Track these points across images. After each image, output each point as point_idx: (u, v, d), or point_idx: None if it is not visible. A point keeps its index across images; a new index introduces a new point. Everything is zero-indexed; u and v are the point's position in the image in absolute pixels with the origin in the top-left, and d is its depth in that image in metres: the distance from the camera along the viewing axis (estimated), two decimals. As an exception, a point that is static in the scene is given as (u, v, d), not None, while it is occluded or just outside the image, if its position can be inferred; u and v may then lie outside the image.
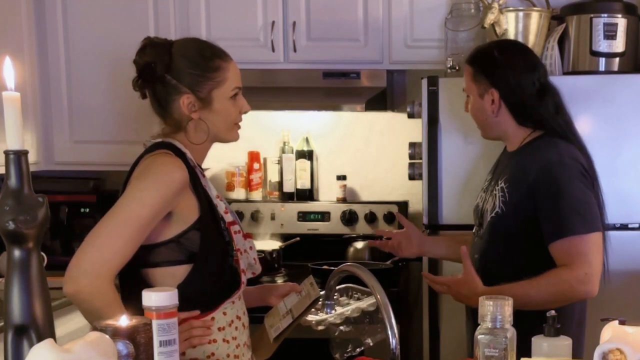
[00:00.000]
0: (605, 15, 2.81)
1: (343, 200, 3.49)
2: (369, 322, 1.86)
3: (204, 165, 2.82)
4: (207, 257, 1.85)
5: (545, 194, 2.02)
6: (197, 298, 1.81)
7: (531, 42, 2.86)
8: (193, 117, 1.88)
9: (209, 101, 1.90)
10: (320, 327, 2.02)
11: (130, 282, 1.82)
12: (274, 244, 3.24)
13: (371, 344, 1.83)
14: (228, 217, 1.94)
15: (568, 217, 1.99)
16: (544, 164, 2.05)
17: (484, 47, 2.27)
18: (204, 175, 1.93)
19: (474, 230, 2.28)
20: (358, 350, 1.84)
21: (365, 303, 1.92)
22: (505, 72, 2.13)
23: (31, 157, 1.65)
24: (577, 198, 2.01)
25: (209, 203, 1.88)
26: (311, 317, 2.01)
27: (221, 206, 1.94)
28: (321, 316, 2.05)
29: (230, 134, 1.96)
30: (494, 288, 1.96)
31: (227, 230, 1.92)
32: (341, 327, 1.87)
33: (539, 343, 1.45)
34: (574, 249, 1.97)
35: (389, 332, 1.44)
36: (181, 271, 1.82)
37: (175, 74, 1.91)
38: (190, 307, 1.76)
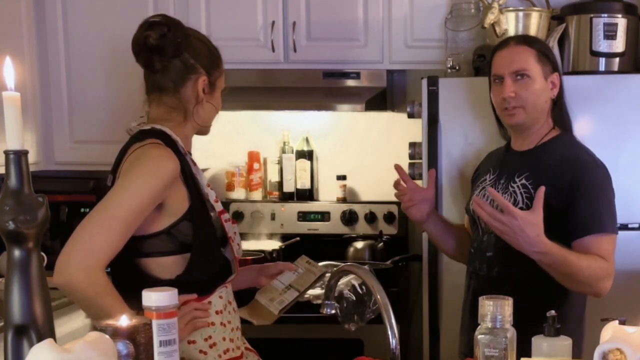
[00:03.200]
0: (605, 15, 2.81)
1: (343, 200, 3.49)
2: (365, 293, 1.84)
3: (202, 166, 2.84)
4: (200, 247, 1.85)
5: (583, 193, 2.07)
6: (193, 285, 1.83)
7: (531, 42, 2.86)
8: (204, 99, 1.92)
9: (214, 89, 1.95)
10: (317, 301, 2.02)
11: (123, 273, 1.84)
12: (274, 244, 3.24)
13: (373, 315, 1.81)
14: (218, 206, 1.96)
15: (601, 215, 2.06)
16: (580, 164, 2.11)
17: (533, 37, 2.40)
18: (194, 164, 1.93)
19: (477, 227, 2.25)
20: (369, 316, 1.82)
21: (350, 278, 1.89)
22: (558, 64, 2.26)
23: (31, 157, 1.65)
24: (609, 199, 2.10)
25: (199, 193, 1.89)
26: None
27: (212, 195, 1.95)
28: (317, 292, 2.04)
29: (210, 127, 2.02)
30: (556, 244, 1.94)
31: (219, 219, 1.93)
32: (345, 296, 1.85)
33: (539, 343, 1.45)
34: (604, 246, 2.04)
35: (389, 332, 1.45)
36: (173, 261, 1.83)
37: (192, 54, 1.91)
38: (187, 292, 1.79)
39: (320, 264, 2.36)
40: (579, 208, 2.06)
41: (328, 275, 1.94)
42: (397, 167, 2.36)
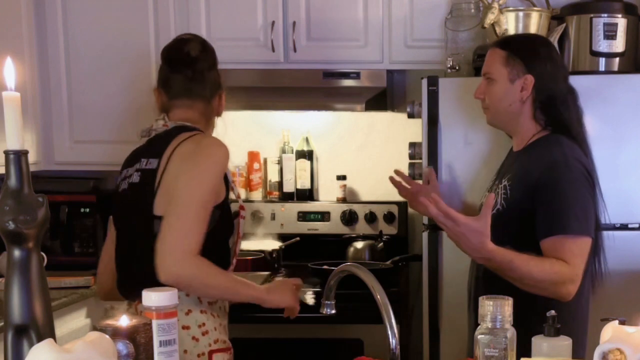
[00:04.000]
0: (605, 15, 2.81)
1: (343, 200, 3.49)
2: None
3: None
4: (214, 235, 1.95)
5: (547, 193, 2.01)
6: None
7: (531, 42, 2.86)
8: (220, 115, 2.22)
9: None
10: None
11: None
12: (274, 244, 3.24)
13: None
14: (241, 201, 2.13)
15: (564, 216, 1.98)
16: (549, 164, 2.04)
17: (519, 35, 2.28)
18: None
19: None
20: None
21: None
22: (545, 63, 2.14)
23: (31, 157, 1.65)
24: (576, 200, 2.01)
25: (228, 186, 2.05)
26: None
27: (236, 191, 2.12)
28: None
29: None
30: (502, 250, 1.92)
31: (238, 213, 2.07)
32: None
33: (539, 343, 1.45)
34: (567, 248, 1.97)
35: (389, 332, 1.44)
36: None
37: (219, 72, 2.19)
38: None
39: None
40: (544, 209, 2.01)
41: None
42: (398, 172, 2.42)
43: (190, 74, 2.08)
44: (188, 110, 2.10)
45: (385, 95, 3.25)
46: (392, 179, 2.50)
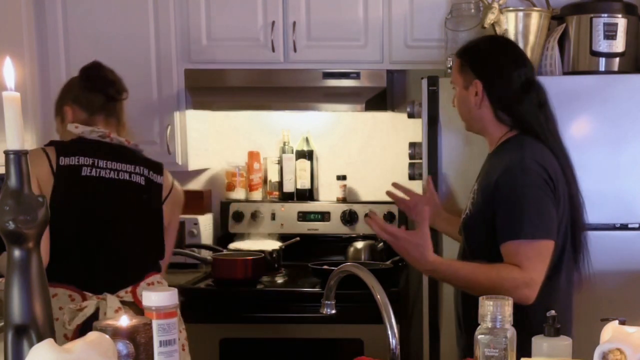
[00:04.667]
0: (605, 15, 2.81)
1: (343, 200, 3.49)
2: None
3: (202, 166, 3.13)
4: None
5: (503, 197, 2.00)
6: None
7: (531, 42, 2.86)
8: None
9: None
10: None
11: None
12: (274, 244, 3.24)
13: None
14: None
15: (521, 221, 1.96)
16: (506, 167, 2.02)
17: (473, 40, 2.26)
18: None
19: (459, 231, 2.28)
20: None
21: None
22: (490, 65, 2.14)
23: (31, 157, 1.68)
24: (532, 204, 1.98)
25: None
26: None
27: None
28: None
29: None
30: (445, 261, 1.97)
31: None
32: None
33: (539, 343, 1.45)
34: (522, 253, 1.95)
35: (389, 332, 1.44)
36: None
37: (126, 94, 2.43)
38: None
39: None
40: (500, 214, 2.00)
41: None
42: (396, 185, 2.50)
43: (119, 94, 2.36)
44: (121, 128, 2.37)
45: (385, 95, 3.25)
46: (389, 194, 2.54)
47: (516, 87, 2.11)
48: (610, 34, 2.80)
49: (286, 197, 3.52)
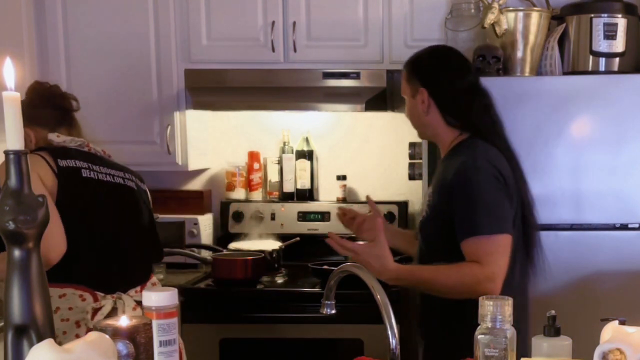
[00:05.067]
0: (605, 15, 2.81)
1: (343, 200, 3.49)
2: None
3: (202, 166, 3.14)
4: None
5: (459, 196, 2.06)
6: None
7: (531, 42, 2.86)
8: None
9: None
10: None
11: None
12: (274, 244, 3.24)
13: None
14: None
15: (477, 217, 2.02)
16: (459, 167, 2.08)
17: (419, 51, 2.33)
18: None
19: (415, 234, 2.32)
20: None
21: None
22: (435, 72, 2.22)
23: (31, 157, 1.67)
24: (487, 200, 2.04)
25: None
26: None
27: None
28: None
29: None
30: (406, 267, 2.03)
31: None
32: None
33: (539, 343, 1.45)
34: (481, 248, 2.01)
35: (389, 332, 1.44)
36: None
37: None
38: None
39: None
40: (457, 212, 2.06)
41: None
42: (341, 209, 2.58)
43: (67, 105, 2.35)
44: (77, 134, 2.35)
45: (385, 95, 3.25)
46: (339, 216, 2.58)
47: (461, 92, 2.19)
48: (610, 34, 2.80)
49: (286, 197, 3.52)
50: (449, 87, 2.20)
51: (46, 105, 2.30)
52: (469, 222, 2.03)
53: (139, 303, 2.20)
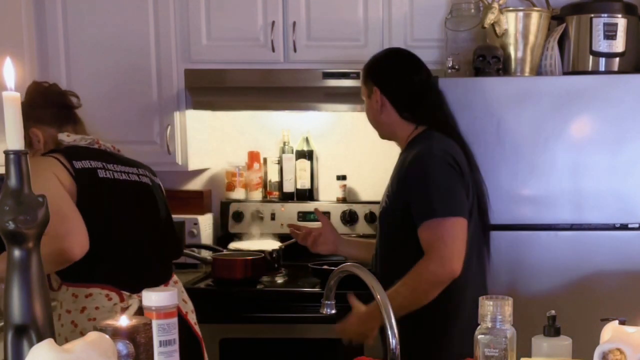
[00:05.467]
0: (605, 15, 2.81)
1: (343, 200, 3.49)
2: None
3: (202, 166, 3.12)
4: None
5: (414, 182, 2.14)
6: None
7: (531, 42, 2.86)
8: None
9: None
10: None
11: None
12: (274, 244, 3.24)
13: None
14: None
15: (430, 201, 2.10)
16: (415, 155, 2.16)
17: (374, 55, 2.42)
18: None
19: (376, 227, 2.40)
20: None
21: None
22: (387, 71, 2.32)
23: (31, 157, 1.67)
24: (441, 184, 2.12)
25: None
26: None
27: None
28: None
29: None
30: (373, 303, 2.04)
31: None
32: None
33: (539, 343, 1.45)
34: (437, 231, 2.08)
35: (389, 332, 1.44)
36: None
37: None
38: None
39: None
40: (413, 198, 2.13)
41: None
42: (292, 226, 2.68)
43: (70, 102, 2.33)
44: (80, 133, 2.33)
45: (385, 95, 3.25)
46: (292, 233, 2.68)
47: (413, 86, 2.30)
48: (610, 34, 2.80)
49: (286, 197, 3.52)
50: (400, 83, 2.30)
51: (48, 104, 2.29)
52: (424, 206, 2.10)
53: None
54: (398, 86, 2.30)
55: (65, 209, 2.03)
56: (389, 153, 3.50)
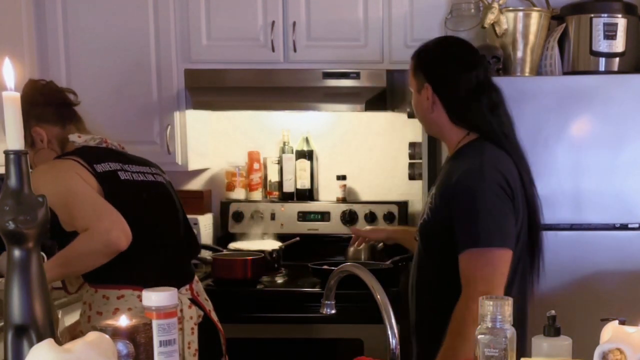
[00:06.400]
0: (605, 15, 2.81)
1: (343, 200, 3.49)
2: None
3: (202, 166, 3.13)
4: None
5: (461, 203, 1.95)
6: None
7: (531, 42, 2.86)
8: None
9: None
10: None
11: None
12: (274, 244, 3.24)
13: None
14: None
15: (476, 229, 1.91)
16: (464, 172, 1.97)
17: (427, 42, 2.18)
18: None
19: (414, 236, 2.22)
20: None
21: None
22: (441, 67, 2.09)
23: (31, 157, 1.67)
24: (488, 211, 1.92)
25: None
26: None
27: None
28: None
29: None
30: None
31: None
32: None
33: (539, 343, 1.45)
34: (474, 263, 1.90)
35: (389, 332, 1.44)
36: None
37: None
38: None
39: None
40: (457, 221, 1.94)
41: None
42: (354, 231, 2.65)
43: (70, 100, 2.31)
44: (84, 133, 2.31)
45: (385, 95, 3.25)
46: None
47: (466, 90, 2.06)
48: (610, 34, 2.80)
49: (286, 197, 3.52)
50: (454, 85, 2.07)
51: (48, 102, 2.27)
52: (468, 233, 1.91)
53: (192, 301, 2.23)
54: (453, 88, 2.06)
55: (100, 203, 2.07)
56: (389, 153, 3.51)
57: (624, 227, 2.68)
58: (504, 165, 1.99)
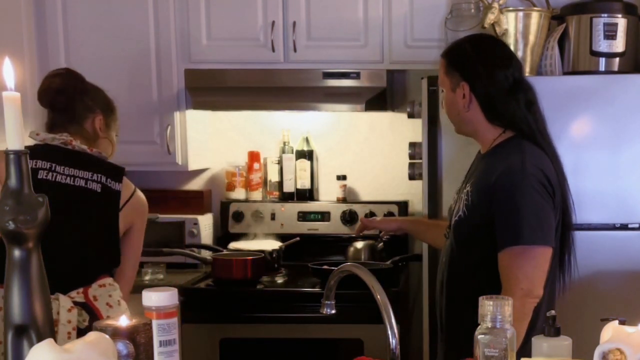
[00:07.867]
0: (605, 15, 2.81)
1: (343, 200, 3.49)
2: None
3: (202, 166, 3.11)
4: None
5: (502, 201, 1.95)
6: None
7: (531, 42, 2.86)
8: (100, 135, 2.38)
9: (109, 128, 2.42)
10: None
11: None
12: (274, 244, 3.24)
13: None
14: None
15: (518, 226, 1.91)
16: (505, 170, 1.97)
17: (459, 40, 2.19)
18: None
19: (444, 233, 2.22)
20: None
21: None
22: (476, 65, 2.08)
23: (31, 157, 1.67)
24: (532, 208, 1.93)
25: None
26: None
27: None
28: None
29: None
30: None
31: None
32: None
33: (539, 343, 1.45)
34: (515, 260, 1.91)
35: (389, 332, 1.44)
36: None
37: (91, 98, 2.38)
38: None
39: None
40: (498, 218, 1.95)
41: None
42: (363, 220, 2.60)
43: (57, 103, 2.33)
44: (73, 135, 2.31)
45: (385, 95, 3.26)
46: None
47: (503, 88, 2.06)
48: (610, 34, 2.80)
49: (286, 197, 3.52)
50: (492, 83, 2.06)
51: (43, 105, 2.37)
52: (510, 230, 1.92)
53: (82, 304, 2.20)
54: (490, 86, 2.05)
55: None
56: (389, 153, 3.51)
57: (624, 227, 2.68)
58: (543, 163, 2.01)
